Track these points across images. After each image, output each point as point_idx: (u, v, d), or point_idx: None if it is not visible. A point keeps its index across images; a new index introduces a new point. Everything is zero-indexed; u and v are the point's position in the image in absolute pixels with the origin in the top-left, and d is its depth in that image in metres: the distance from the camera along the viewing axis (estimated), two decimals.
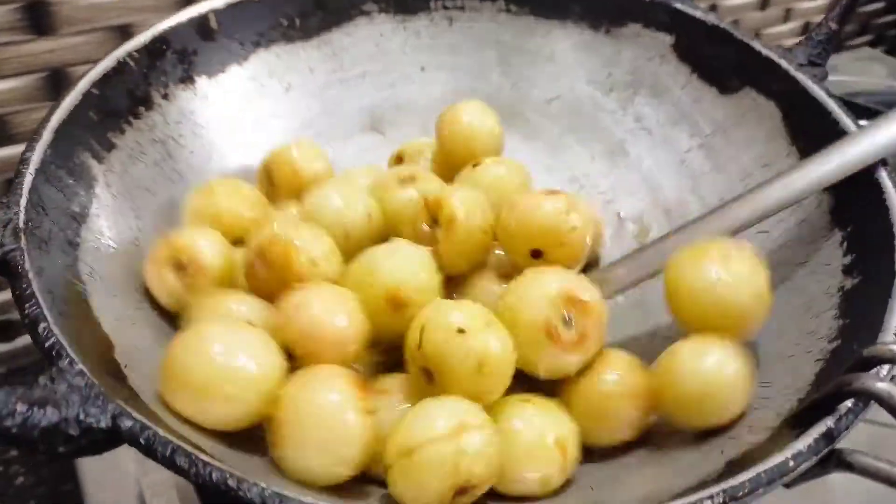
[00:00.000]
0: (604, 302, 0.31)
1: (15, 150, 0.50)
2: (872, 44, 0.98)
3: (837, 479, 0.25)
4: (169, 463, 0.22)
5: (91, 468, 0.39)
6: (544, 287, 0.31)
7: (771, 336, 0.34)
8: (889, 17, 0.98)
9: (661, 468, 0.30)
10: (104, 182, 0.35)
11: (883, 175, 0.34)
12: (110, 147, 0.36)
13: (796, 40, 0.42)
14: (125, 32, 0.49)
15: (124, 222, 0.35)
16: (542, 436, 0.28)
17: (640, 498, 0.24)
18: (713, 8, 0.80)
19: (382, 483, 0.28)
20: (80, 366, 0.24)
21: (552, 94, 0.48)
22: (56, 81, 0.49)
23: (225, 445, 0.27)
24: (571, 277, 0.32)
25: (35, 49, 0.48)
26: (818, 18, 0.43)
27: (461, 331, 0.28)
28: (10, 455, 0.51)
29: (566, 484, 0.30)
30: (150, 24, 0.40)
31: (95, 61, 0.37)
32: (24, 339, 0.57)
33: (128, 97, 0.38)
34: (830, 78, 0.42)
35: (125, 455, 0.39)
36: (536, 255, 0.34)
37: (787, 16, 0.87)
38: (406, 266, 0.32)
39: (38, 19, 0.47)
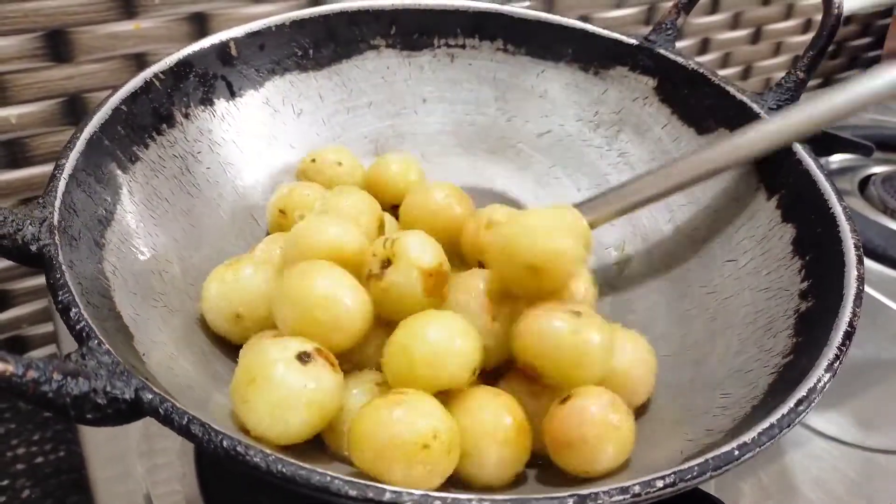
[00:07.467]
0: None
1: (33, 171, 0.53)
2: None
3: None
4: (185, 431, 0.25)
5: (101, 479, 0.40)
6: None
7: (733, 353, 0.37)
8: (877, 52, 0.99)
9: (625, 470, 0.33)
10: (128, 190, 0.38)
11: (839, 209, 0.37)
12: (135, 159, 0.39)
13: (786, 73, 0.45)
14: (141, 61, 0.51)
15: (144, 228, 0.38)
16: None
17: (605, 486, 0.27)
18: (705, 42, 0.81)
19: None
20: (107, 346, 0.27)
21: (544, 128, 0.51)
22: (73, 107, 0.52)
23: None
24: None
25: (54, 76, 0.50)
26: None
27: None
28: (16, 469, 0.52)
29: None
30: (164, 53, 0.43)
31: (111, 87, 0.40)
32: (32, 356, 0.59)
33: (152, 115, 0.41)
34: None
35: (134, 466, 0.40)
36: None
37: (777, 49, 0.89)
38: None
39: (58, 47, 0.50)
